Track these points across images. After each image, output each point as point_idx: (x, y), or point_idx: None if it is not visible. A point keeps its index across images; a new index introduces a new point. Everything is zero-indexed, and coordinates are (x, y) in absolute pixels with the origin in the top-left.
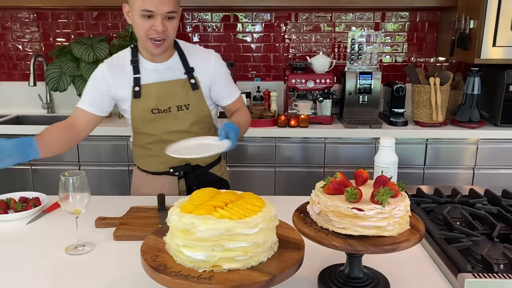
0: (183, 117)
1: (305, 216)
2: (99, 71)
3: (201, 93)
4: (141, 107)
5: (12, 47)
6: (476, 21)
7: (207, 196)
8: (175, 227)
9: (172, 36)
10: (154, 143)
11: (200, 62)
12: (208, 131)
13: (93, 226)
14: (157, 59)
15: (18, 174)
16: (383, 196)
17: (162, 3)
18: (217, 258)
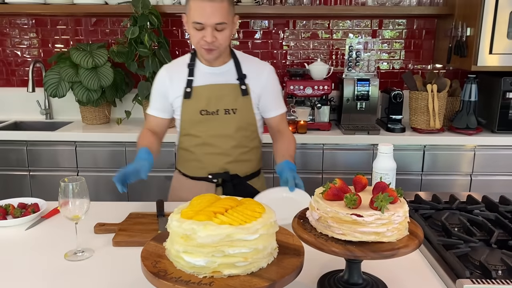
0: (230, 121)
1: (305, 222)
2: (158, 76)
3: (250, 100)
4: (191, 107)
5: (11, 53)
6: (473, 28)
7: (207, 202)
8: (175, 233)
9: (224, 45)
10: (198, 146)
11: (253, 71)
12: (252, 140)
13: (92, 232)
14: (213, 64)
15: (16, 180)
16: (382, 202)
17: (211, 16)
18: (217, 264)
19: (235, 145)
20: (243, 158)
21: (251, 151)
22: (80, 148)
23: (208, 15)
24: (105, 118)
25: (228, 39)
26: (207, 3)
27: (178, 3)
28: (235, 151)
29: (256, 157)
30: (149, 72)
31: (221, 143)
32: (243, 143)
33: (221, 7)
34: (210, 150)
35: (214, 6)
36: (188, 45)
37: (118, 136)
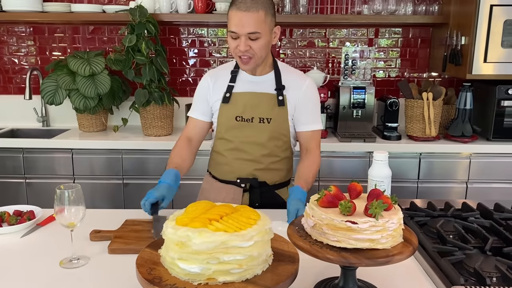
0: (263, 129)
1: (300, 229)
2: (203, 80)
3: (285, 110)
4: (227, 112)
5: (8, 60)
6: (468, 37)
7: (203, 209)
8: (170, 240)
9: (259, 54)
10: (230, 150)
11: (293, 83)
12: (284, 151)
13: (87, 240)
14: (255, 73)
15: (12, 187)
16: (377, 209)
17: (245, 25)
18: (212, 271)
19: (266, 154)
20: (273, 167)
21: (282, 161)
22: (77, 155)
23: (242, 25)
24: (102, 125)
25: (263, 49)
26: (242, 13)
27: (175, 12)
28: (266, 159)
29: (287, 167)
30: (146, 79)
31: (253, 150)
32: (275, 152)
33: (255, 17)
34: (241, 156)
35: (249, 16)
36: (186, 53)
37: (115, 144)
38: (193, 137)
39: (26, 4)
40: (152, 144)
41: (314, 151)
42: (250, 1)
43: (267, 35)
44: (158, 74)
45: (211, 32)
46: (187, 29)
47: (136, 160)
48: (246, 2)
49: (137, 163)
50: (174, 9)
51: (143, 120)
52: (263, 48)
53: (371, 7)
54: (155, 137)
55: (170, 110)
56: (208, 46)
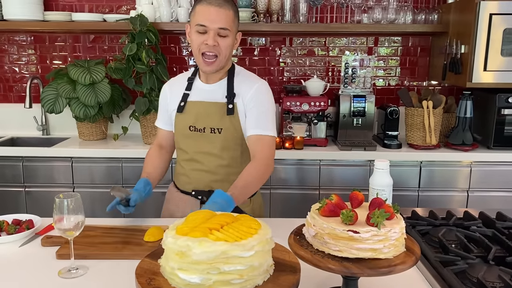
0: (215, 140)
1: (301, 239)
2: (162, 89)
3: (237, 119)
4: (182, 122)
5: (9, 69)
6: (467, 46)
7: (203, 218)
8: (170, 249)
9: (224, 55)
10: (187, 161)
11: (243, 88)
12: (244, 162)
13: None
14: (209, 80)
15: (11, 196)
16: (379, 218)
17: (216, 20)
18: (212, 281)
19: (222, 165)
20: (232, 179)
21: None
22: (76, 164)
23: (213, 19)
24: (102, 134)
25: (228, 50)
26: (214, 7)
27: (175, 21)
28: (222, 170)
29: None
30: (147, 88)
31: (208, 161)
32: (232, 164)
33: (227, 14)
34: (198, 167)
35: (220, 12)
36: (186, 62)
37: (115, 152)
38: (163, 145)
39: (27, 13)
40: None
41: (257, 158)
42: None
43: (233, 36)
44: (159, 82)
45: None
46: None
47: (136, 168)
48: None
49: (137, 171)
50: (175, 18)
51: (143, 128)
52: (228, 49)
53: (370, 16)
54: None
55: None
56: None
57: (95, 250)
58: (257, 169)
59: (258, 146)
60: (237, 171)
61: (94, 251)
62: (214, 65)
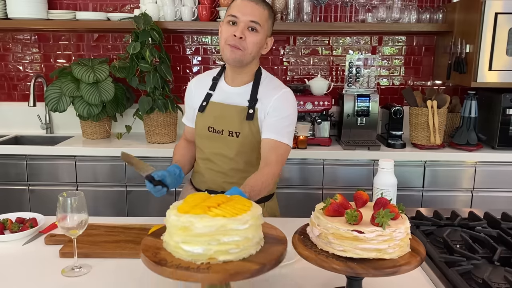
0: (232, 143)
1: (305, 239)
2: (188, 86)
3: (256, 125)
4: (202, 122)
5: (13, 68)
6: (472, 45)
7: (200, 199)
8: (174, 226)
9: (250, 50)
10: (203, 160)
11: (266, 94)
12: (253, 167)
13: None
14: (234, 83)
15: (15, 194)
16: (383, 218)
17: (248, 13)
18: (213, 251)
19: (236, 168)
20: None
21: None
22: (80, 162)
23: (246, 12)
24: (106, 132)
25: (255, 47)
26: (250, 2)
27: (179, 19)
28: (236, 174)
29: None
30: (150, 87)
31: (222, 162)
32: (246, 168)
33: (261, 11)
34: (212, 167)
35: (255, 7)
36: (189, 61)
37: (119, 151)
38: (190, 139)
39: (32, 12)
40: (156, 151)
41: (272, 166)
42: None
43: (263, 35)
44: (162, 81)
45: (215, 39)
46: (191, 36)
47: None
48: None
49: None
50: (178, 17)
51: (147, 127)
52: (256, 46)
53: (375, 15)
54: (159, 144)
55: (174, 117)
56: (212, 53)
57: (98, 249)
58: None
59: (273, 154)
60: (250, 176)
61: (97, 249)
62: (238, 54)
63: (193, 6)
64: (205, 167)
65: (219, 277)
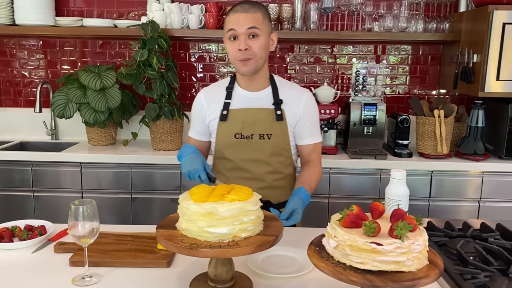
0: (264, 146)
1: (321, 250)
2: (197, 98)
3: (285, 125)
4: (226, 130)
5: (19, 74)
6: (480, 55)
7: (207, 190)
8: (197, 213)
9: (260, 54)
10: (230, 170)
11: (291, 97)
12: (286, 167)
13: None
14: (251, 88)
15: (20, 201)
16: (402, 230)
17: (242, 23)
18: (236, 230)
19: (269, 171)
20: (277, 185)
21: (286, 178)
22: (85, 169)
23: (241, 22)
24: (111, 139)
25: (262, 50)
26: (240, 13)
27: (186, 27)
28: (269, 176)
29: (290, 183)
30: (157, 94)
31: (255, 168)
32: (278, 169)
33: (254, 16)
34: (243, 175)
35: (247, 15)
36: (195, 69)
37: (124, 158)
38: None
39: (39, 18)
40: (162, 158)
41: (315, 162)
42: (248, 5)
43: (265, 36)
44: (169, 88)
45: (221, 47)
46: (197, 44)
47: (145, 174)
48: (244, 5)
49: (146, 177)
50: (185, 24)
51: (153, 134)
52: (262, 49)
53: (381, 24)
54: (165, 152)
55: (180, 124)
56: (218, 61)
57: (109, 258)
58: (319, 173)
59: (314, 154)
60: (281, 177)
61: (108, 258)
62: (250, 64)
63: (200, 14)
64: (235, 176)
65: (250, 250)
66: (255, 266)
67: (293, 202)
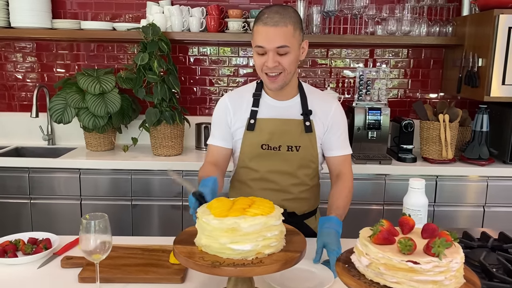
0: (291, 158)
1: (350, 268)
2: (221, 103)
3: (314, 137)
4: (252, 140)
5: (13, 77)
6: (485, 59)
7: (228, 203)
8: (218, 229)
9: (288, 71)
10: (255, 180)
11: (320, 107)
12: (312, 178)
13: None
14: (279, 97)
15: (16, 208)
16: (440, 248)
17: (272, 40)
18: (260, 246)
19: (296, 183)
20: (302, 196)
21: (311, 189)
22: (84, 175)
23: (270, 39)
24: (110, 144)
25: (292, 65)
26: (270, 27)
27: (187, 30)
28: (295, 189)
29: (314, 195)
30: (158, 98)
31: (281, 180)
32: (304, 181)
33: (284, 32)
34: (269, 186)
35: (277, 31)
36: (195, 72)
37: (124, 164)
38: (218, 163)
39: (35, 21)
40: (162, 164)
41: (346, 176)
42: (278, 16)
43: (295, 49)
44: (170, 93)
45: (222, 50)
46: (198, 47)
47: (145, 180)
48: (274, 17)
49: (146, 184)
50: (186, 27)
51: (153, 139)
52: (292, 64)
53: (384, 28)
54: (165, 157)
55: (181, 129)
56: (219, 65)
57: (119, 273)
58: (349, 188)
59: (345, 166)
60: (306, 189)
61: (119, 274)
62: (278, 81)
63: (201, 17)
64: (259, 187)
65: (275, 268)
66: (274, 281)
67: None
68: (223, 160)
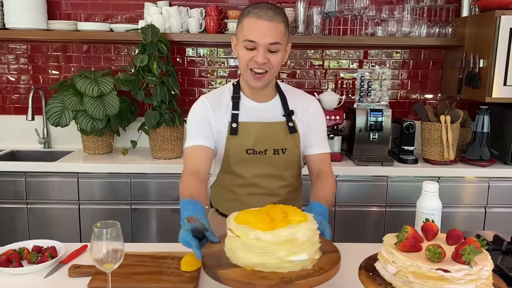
0: (278, 161)
1: (375, 276)
2: (200, 104)
3: (298, 137)
4: (237, 145)
5: (8, 80)
6: (486, 60)
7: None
8: (273, 243)
9: (275, 70)
10: (241, 186)
11: (300, 105)
12: (297, 178)
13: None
14: (258, 99)
15: (12, 213)
16: (470, 255)
17: (265, 35)
18: (312, 253)
19: (283, 185)
20: (289, 197)
21: (297, 190)
22: (83, 179)
23: (263, 34)
24: (108, 147)
25: (279, 64)
26: (264, 22)
27: (186, 31)
28: (283, 190)
29: (299, 195)
30: (157, 101)
31: (268, 183)
32: (291, 182)
33: (277, 28)
34: (256, 191)
35: (271, 26)
36: (194, 74)
37: (123, 167)
38: (200, 170)
39: (30, 22)
40: (162, 167)
41: (327, 175)
42: (272, 12)
43: (284, 50)
44: (169, 95)
45: (221, 52)
46: (196, 49)
47: (145, 184)
48: (268, 12)
49: (146, 187)
50: (185, 28)
51: (152, 142)
52: (279, 63)
53: (384, 29)
54: (165, 160)
55: (181, 132)
56: (219, 66)
57: (130, 282)
58: (332, 185)
59: (325, 165)
60: (292, 189)
61: (130, 283)
62: (263, 80)
63: (200, 18)
64: (246, 192)
65: (335, 271)
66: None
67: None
68: (206, 164)
